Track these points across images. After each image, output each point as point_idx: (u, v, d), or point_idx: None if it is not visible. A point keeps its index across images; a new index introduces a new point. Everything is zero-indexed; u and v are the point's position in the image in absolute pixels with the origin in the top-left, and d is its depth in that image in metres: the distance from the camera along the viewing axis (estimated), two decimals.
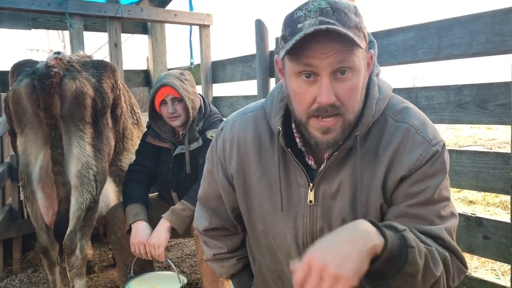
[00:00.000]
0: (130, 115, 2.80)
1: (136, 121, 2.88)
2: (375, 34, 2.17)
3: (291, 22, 1.03)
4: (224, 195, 1.38)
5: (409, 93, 2.19)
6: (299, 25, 0.99)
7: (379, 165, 1.10)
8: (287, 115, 1.19)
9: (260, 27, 3.03)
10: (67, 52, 2.99)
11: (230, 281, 2.32)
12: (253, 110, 1.33)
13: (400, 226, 1.00)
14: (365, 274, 0.91)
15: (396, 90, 1.21)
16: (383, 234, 0.93)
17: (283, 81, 1.15)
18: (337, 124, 1.05)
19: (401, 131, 1.10)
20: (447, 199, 1.11)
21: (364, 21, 1.05)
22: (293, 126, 1.18)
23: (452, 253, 1.08)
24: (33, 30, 4.00)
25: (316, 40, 0.97)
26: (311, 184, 1.16)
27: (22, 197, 2.98)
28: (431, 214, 1.08)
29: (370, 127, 1.12)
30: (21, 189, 2.29)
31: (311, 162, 1.19)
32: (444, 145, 1.12)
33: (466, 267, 1.13)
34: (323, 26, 0.95)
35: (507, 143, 7.15)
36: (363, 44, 1.02)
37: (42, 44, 16.12)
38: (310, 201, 1.17)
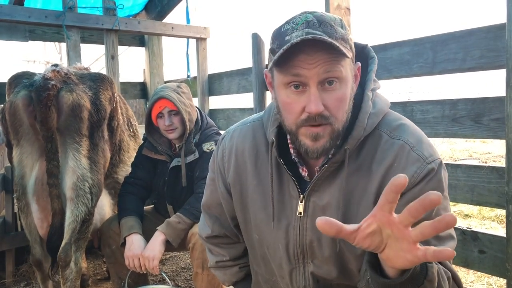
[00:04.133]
0: (127, 127, 2.80)
1: (132, 134, 2.87)
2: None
3: (279, 35, 1.05)
4: (224, 203, 1.39)
5: (404, 107, 2.20)
6: (287, 37, 1.01)
7: (372, 181, 1.09)
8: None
9: (256, 40, 3.05)
10: (64, 63, 2.99)
11: None
12: (253, 120, 1.35)
13: None
14: None
15: (391, 104, 1.22)
16: None
17: (273, 94, 1.16)
18: (326, 131, 1.05)
19: (395, 148, 1.09)
20: None
21: (350, 34, 1.06)
22: (288, 136, 1.19)
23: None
24: (30, 42, 3.99)
25: (304, 51, 0.99)
26: (301, 196, 1.16)
27: (16, 210, 2.96)
28: None
29: (364, 142, 1.12)
30: (15, 201, 2.27)
31: (304, 173, 1.19)
32: (441, 164, 1.09)
33: None
34: (309, 36, 0.97)
35: (502, 156, 7.18)
36: (349, 54, 1.03)
37: (38, 56, 16.11)
38: (300, 213, 1.17)
